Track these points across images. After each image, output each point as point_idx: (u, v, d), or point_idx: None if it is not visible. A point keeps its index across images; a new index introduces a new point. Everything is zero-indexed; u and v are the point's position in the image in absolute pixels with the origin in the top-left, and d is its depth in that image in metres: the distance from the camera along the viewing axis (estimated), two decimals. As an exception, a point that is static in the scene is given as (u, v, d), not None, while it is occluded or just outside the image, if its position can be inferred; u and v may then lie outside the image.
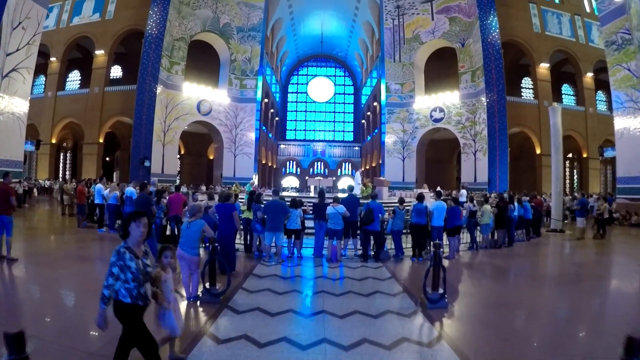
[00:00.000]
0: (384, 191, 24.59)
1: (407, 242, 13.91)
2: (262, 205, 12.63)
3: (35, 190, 33.37)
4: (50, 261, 11.27)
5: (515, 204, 17.58)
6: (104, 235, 16.30)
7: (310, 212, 14.05)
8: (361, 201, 14.29)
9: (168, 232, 14.35)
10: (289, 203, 13.06)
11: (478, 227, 15.99)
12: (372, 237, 13.10)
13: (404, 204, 13.92)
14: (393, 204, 16.44)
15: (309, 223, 13.88)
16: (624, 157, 30.47)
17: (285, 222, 12.57)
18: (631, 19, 28.35)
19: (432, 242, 13.68)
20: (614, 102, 31.22)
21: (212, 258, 7.87)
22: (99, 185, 18.03)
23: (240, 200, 16.28)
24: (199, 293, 7.97)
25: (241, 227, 11.67)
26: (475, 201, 16.72)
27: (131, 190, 16.18)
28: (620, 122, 30.23)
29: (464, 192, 27.08)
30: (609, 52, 31.34)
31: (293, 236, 12.93)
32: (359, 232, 13.54)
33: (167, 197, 14.80)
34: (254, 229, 12.97)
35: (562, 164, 23.75)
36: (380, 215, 12.92)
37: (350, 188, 14.99)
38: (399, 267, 12.30)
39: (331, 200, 13.09)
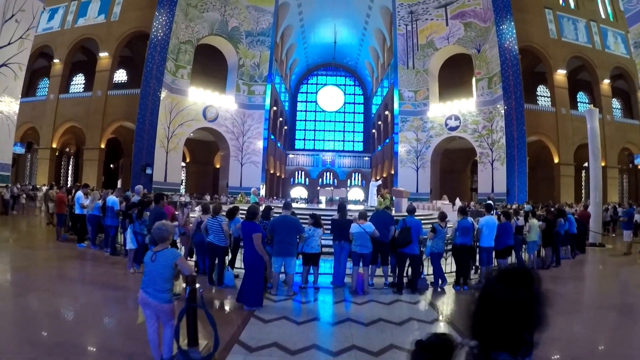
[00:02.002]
0: (402, 203, 21.90)
1: (444, 265, 11.01)
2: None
3: (23, 196, 30.01)
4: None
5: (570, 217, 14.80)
6: (83, 252, 13.58)
7: (328, 230, 10.96)
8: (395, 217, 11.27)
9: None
10: (306, 220, 10.26)
11: (524, 245, 13.18)
12: (407, 262, 10.17)
13: (446, 220, 10.93)
14: (422, 220, 13.46)
15: (324, 241, 10.85)
16: None
17: (300, 244, 9.71)
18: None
19: (479, 266, 10.98)
20: (644, 105, 28.44)
21: (190, 306, 5.10)
22: (79, 194, 15.03)
23: (241, 214, 13.26)
24: (173, 356, 5.14)
25: (267, 255, 8.69)
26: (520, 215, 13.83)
27: (113, 199, 13.52)
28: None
29: (489, 203, 24.18)
30: (638, 54, 28.57)
31: (311, 262, 10.05)
32: (389, 256, 10.71)
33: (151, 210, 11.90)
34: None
35: (600, 172, 20.97)
36: (419, 235, 10.08)
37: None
38: (442, 300, 9.56)
39: (355, 216, 10.22)
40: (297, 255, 9.50)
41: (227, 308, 8.46)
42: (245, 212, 8.71)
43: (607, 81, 41.33)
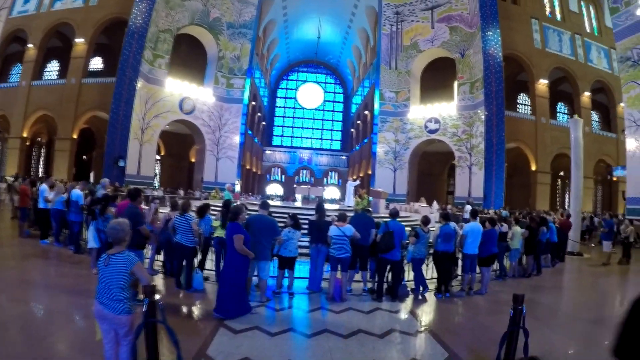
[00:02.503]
0: (380, 203, 21.33)
1: (425, 271, 10.40)
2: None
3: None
4: None
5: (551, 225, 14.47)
6: (46, 249, 12.59)
7: (306, 231, 10.27)
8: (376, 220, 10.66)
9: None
10: (282, 220, 9.59)
11: (506, 253, 12.79)
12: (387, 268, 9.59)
13: (429, 226, 10.37)
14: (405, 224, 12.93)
15: (300, 243, 10.10)
16: (635, 177, 28.15)
17: (276, 246, 9.05)
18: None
19: (462, 274, 10.58)
20: (627, 120, 28.81)
21: (149, 321, 4.39)
22: (43, 186, 13.88)
23: (213, 212, 12.48)
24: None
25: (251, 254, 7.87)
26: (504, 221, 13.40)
27: (77, 193, 12.58)
28: (633, 141, 27.60)
29: (468, 207, 23.78)
30: (623, 69, 28.84)
31: (286, 266, 9.37)
32: (369, 260, 10.17)
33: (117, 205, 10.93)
34: None
35: (582, 182, 20.66)
36: (402, 240, 9.51)
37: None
38: (424, 309, 9.07)
39: (335, 218, 9.63)
40: (271, 258, 8.84)
41: (195, 315, 7.82)
42: (219, 209, 8.15)
43: (587, 93, 41.66)
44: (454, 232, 10.07)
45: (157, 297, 4.44)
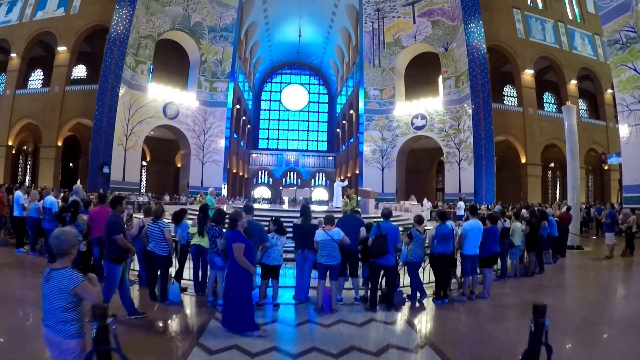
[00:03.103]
0: (370, 203, 20.53)
1: (421, 274, 9.38)
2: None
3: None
4: None
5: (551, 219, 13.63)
6: (21, 258, 11.90)
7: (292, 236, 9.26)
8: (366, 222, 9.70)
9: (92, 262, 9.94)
10: (267, 225, 8.62)
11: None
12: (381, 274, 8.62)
13: (423, 225, 9.44)
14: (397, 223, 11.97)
15: (286, 248, 9.07)
16: (631, 164, 26.92)
17: (260, 254, 8.06)
18: (638, 15, 25.14)
19: (462, 277, 9.71)
20: (619, 106, 27.81)
21: (99, 349, 3.55)
22: (18, 193, 13.10)
23: (191, 216, 11.53)
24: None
25: (252, 267, 6.91)
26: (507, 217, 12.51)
27: (51, 200, 11.76)
28: (626, 127, 26.74)
29: (461, 204, 23.04)
30: (612, 52, 28.07)
31: (270, 275, 8.35)
32: (360, 266, 9.29)
33: (89, 212, 10.07)
34: (212, 264, 8.25)
35: (578, 171, 19.86)
36: (396, 243, 8.48)
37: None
38: (423, 318, 8.12)
39: (321, 219, 8.72)
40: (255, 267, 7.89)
41: (168, 331, 6.85)
42: (196, 213, 7.27)
43: (574, 82, 41.04)
44: (452, 231, 9.15)
45: (109, 319, 3.61)
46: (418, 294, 8.93)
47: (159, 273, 8.28)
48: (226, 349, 5.82)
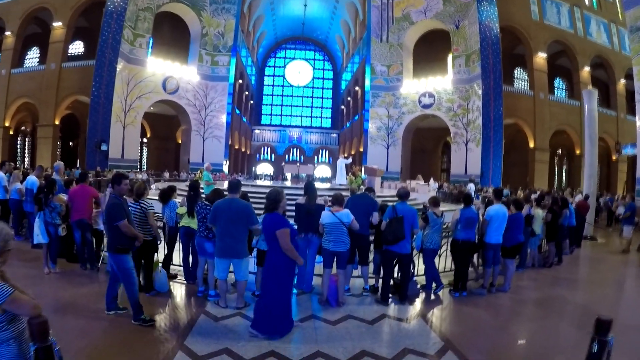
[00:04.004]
0: (375, 182, 19.58)
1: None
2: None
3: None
4: None
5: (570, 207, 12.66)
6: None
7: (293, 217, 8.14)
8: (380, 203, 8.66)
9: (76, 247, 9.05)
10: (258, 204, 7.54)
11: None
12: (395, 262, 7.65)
13: (440, 208, 8.43)
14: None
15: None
16: None
17: (254, 238, 7.11)
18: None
19: (483, 267, 8.72)
20: (637, 94, 26.53)
21: None
22: (0, 174, 11.94)
23: (180, 194, 10.50)
24: None
25: (300, 258, 5.92)
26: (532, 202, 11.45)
27: (32, 180, 10.78)
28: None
29: (471, 186, 22.09)
30: (634, 39, 26.76)
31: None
32: (371, 250, 8.20)
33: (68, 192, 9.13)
34: (200, 249, 7.28)
35: (597, 159, 18.78)
36: (413, 228, 7.39)
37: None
38: (442, 314, 7.18)
39: (326, 198, 7.72)
40: (250, 253, 6.87)
41: (150, 330, 5.72)
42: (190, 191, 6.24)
43: (587, 69, 39.91)
44: (477, 216, 8.20)
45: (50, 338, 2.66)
46: (434, 285, 8.02)
47: (143, 261, 7.25)
48: (215, 354, 4.90)
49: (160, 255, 7.86)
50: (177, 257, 8.51)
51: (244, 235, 6.47)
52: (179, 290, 7.70)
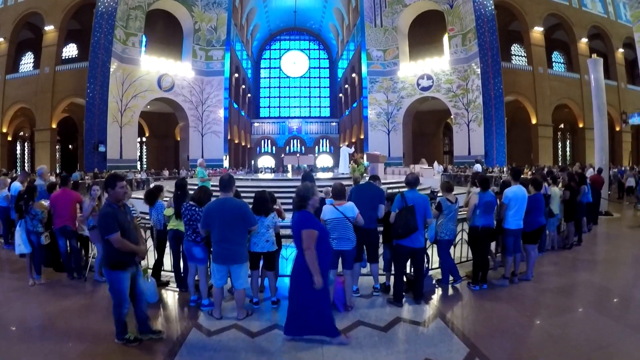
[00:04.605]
0: (378, 169, 18.75)
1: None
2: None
3: None
4: None
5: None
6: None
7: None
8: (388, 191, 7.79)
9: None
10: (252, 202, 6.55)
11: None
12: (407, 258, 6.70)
13: (453, 193, 7.53)
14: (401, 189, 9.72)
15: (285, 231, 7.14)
16: None
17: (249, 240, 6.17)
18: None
19: (504, 255, 7.86)
20: (640, 62, 25.70)
21: None
22: None
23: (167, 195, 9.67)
24: None
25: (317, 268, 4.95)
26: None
27: (16, 186, 10.22)
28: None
29: (478, 166, 21.27)
30: (633, 5, 25.90)
31: (262, 264, 6.43)
32: (380, 244, 7.20)
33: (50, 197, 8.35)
34: (189, 255, 6.37)
35: (607, 130, 17.86)
36: (426, 218, 6.47)
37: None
38: (464, 313, 6.29)
39: (327, 190, 6.87)
40: (248, 259, 5.94)
41: (131, 351, 4.88)
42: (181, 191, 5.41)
43: (584, 40, 39.38)
44: (496, 200, 7.33)
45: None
46: (451, 279, 7.19)
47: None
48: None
49: (150, 261, 7.17)
50: (169, 261, 7.67)
51: (242, 238, 5.66)
52: (169, 299, 6.91)
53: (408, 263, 6.87)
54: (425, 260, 7.10)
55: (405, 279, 6.73)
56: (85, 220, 7.82)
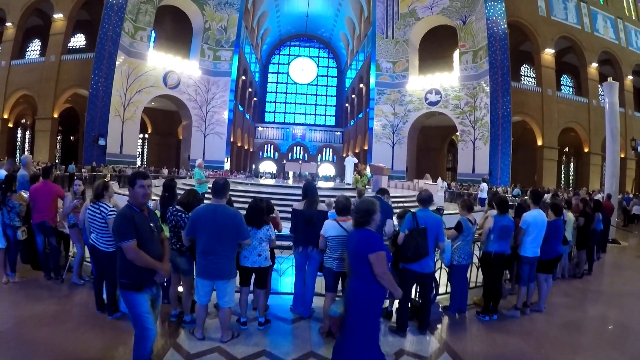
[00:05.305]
0: (382, 181, 18.09)
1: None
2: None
3: None
4: None
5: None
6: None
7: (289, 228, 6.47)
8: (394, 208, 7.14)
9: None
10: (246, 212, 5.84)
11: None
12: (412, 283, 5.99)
13: (472, 212, 6.81)
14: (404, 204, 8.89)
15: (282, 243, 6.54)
16: None
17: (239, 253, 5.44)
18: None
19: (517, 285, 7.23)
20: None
21: None
22: None
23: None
24: None
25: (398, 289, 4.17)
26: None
27: (1, 174, 9.08)
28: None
29: (484, 186, 20.61)
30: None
31: (253, 281, 5.69)
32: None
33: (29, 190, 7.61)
34: (173, 266, 5.45)
35: (619, 156, 17.28)
36: (438, 242, 5.83)
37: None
38: (474, 348, 5.50)
39: (330, 203, 6.23)
40: (235, 274, 5.25)
41: None
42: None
43: (594, 65, 39.22)
44: (513, 225, 6.64)
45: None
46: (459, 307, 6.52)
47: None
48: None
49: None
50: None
51: (231, 251, 4.98)
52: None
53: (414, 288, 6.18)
54: (434, 285, 6.46)
55: (409, 304, 6.04)
56: (65, 217, 7.17)
